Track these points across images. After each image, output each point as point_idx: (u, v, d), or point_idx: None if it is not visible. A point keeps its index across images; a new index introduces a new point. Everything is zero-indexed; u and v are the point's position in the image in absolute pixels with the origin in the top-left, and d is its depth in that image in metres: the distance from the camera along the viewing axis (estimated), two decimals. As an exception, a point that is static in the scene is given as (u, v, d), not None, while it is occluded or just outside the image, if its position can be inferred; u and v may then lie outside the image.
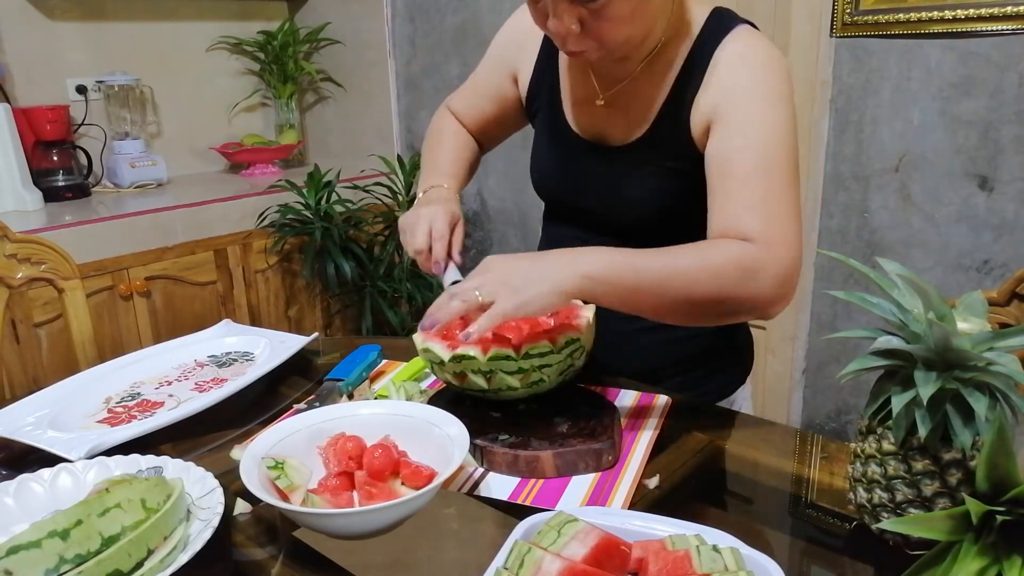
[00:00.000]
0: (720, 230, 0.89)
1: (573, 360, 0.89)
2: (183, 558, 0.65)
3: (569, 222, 1.12)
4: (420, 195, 1.11)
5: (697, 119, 0.94)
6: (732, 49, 0.92)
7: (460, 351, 0.86)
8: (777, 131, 0.89)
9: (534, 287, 0.78)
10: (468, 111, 1.21)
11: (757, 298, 0.85)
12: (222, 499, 0.72)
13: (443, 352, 0.87)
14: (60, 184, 2.33)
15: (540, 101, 1.10)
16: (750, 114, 0.90)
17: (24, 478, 0.78)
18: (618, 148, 1.02)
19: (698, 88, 0.94)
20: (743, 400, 1.18)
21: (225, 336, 1.23)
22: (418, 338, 0.92)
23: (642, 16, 0.88)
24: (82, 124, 2.49)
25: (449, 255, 1.03)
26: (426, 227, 1.02)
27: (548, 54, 1.08)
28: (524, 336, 0.89)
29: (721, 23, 0.95)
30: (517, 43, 1.11)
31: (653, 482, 0.81)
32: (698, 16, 0.96)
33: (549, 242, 1.19)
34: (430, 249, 1.02)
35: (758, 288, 0.84)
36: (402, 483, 0.76)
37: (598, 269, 0.81)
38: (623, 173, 1.02)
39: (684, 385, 1.02)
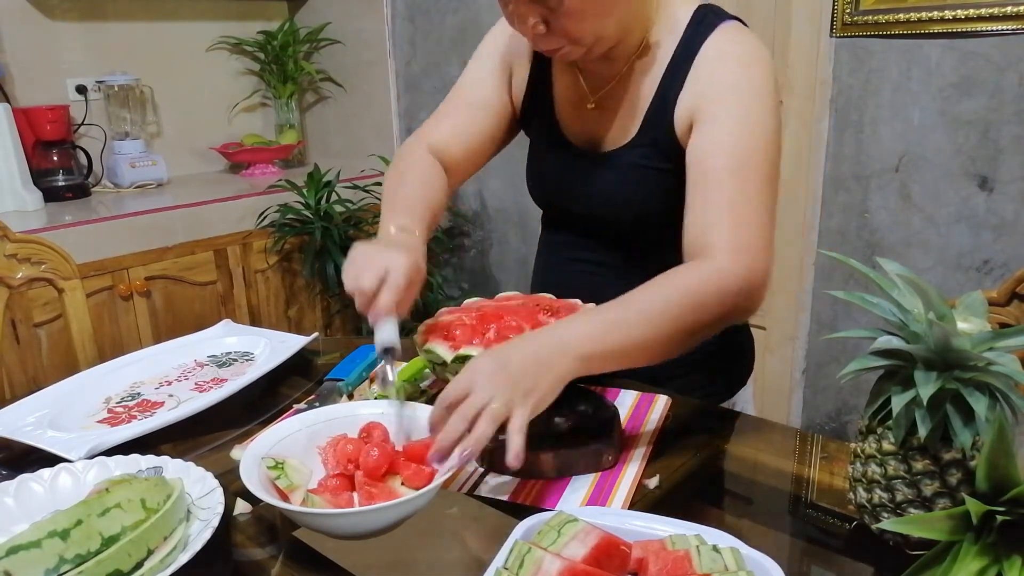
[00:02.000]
0: (693, 234, 0.89)
1: None
2: (183, 558, 0.65)
3: (566, 227, 1.12)
4: (391, 230, 0.94)
5: (680, 117, 0.94)
6: (714, 45, 0.92)
7: (463, 351, 0.86)
8: (754, 130, 0.88)
9: (543, 384, 0.75)
10: (455, 131, 1.09)
11: (729, 316, 0.86)
12: (222, 499, 0.72)
13: (446, 353, 0.87)
14: (60, 184, 2.33)
15: (534, 107, 1.09)
16: (727, 113, 0.89)
17: (24, 478, 0.78)
18: (608, 153, 1.02)
19: (681, 86, 0.94)
20: (745, 402, 1.18)
21: (225, 336, 1.23)
22: (419, 339, 0.92)
23: (606, 10, 0.88)
24: (82, 124, 2.49)
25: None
26: (380, 271, 0.84)
27: (541, 60, 1.07)
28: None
29: (705, 20, 0.95)
30: (509, 48, 1.10)
31: (653, 482, 0.81)
32: (683, 14, 0.96)
33: (548, 247, 1.19)
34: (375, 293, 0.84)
35: (729, 309, 0.85)
36: (402, 483, 0.76)
37: (586, 347, 0.78)
38: (614, 178, 1.01)
39: (685, 387, 1.02)
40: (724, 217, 0.86)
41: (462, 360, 0.86)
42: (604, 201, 1.03)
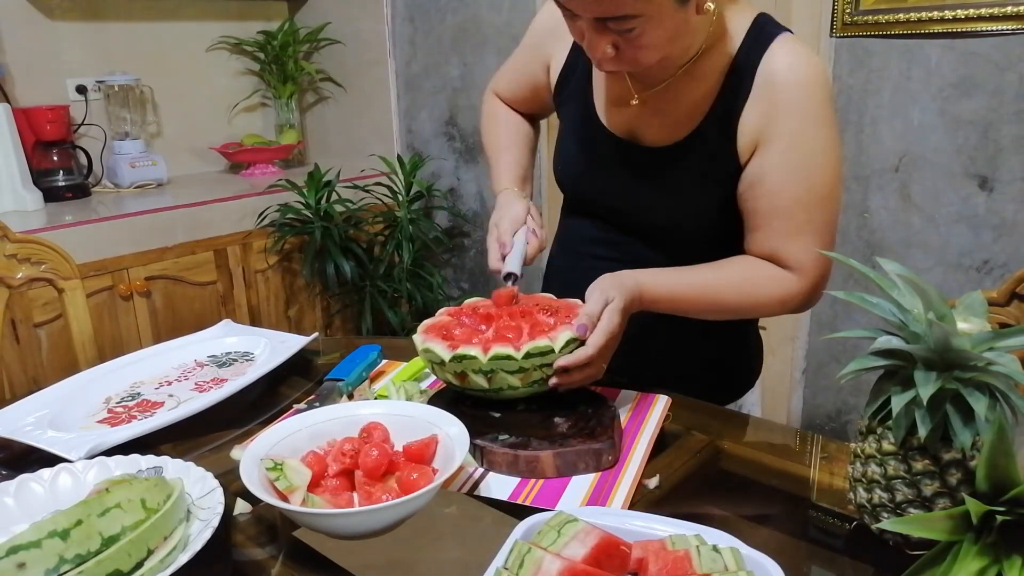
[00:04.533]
0: (761, 252, 0.97)
1: None
2: (183, 558, 0.65)
3: (589, 216, 1.11)
4: (502, 187, 1.16)
5: (745, 134, 0.94)
6: (780, 63, 0.92)
7: (461, 351, 0.86)
8: (823, 155, 0.93)
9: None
10: (508, 92, 1.25)
11: (777, 315, 1.00)
12: (222, 499, 0.72)
13: (444, 352, 0.87)
14: (60, 184, 2.33)
15: (568, 93, 1.10)
16: (798, 139, 0.92)
17: (24, 478, 0.78)
18: (653, 149, 1.01)
19: (745, 100, 0.94)
20: (752, 404, 1.18)
21: (225, 336, 1.23)
22: (418, 338, 0.92)
23: (677, 40, 0.89)
24: (82, 124, 2.48)
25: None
26: (493, 237, 1.07)
27: (581, 47, 1.07)
28: (525, 335, 0.89)
29: (763, 31, 0.95)
30: (552, 32, 1.11)
31: (653, 482, 0.81)
32: (740, 23, 0.95)
33: (566, 235, 1.18)
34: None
35: (791, 310, 0.99)
36: (402, 483, 0.76)
37: (652, 293, 0.95)
38: (656, 174, 1.01)
39: (693, 389, 1.02)
40: (796, 242, 0.94)
41: (461, 359, 0.86)
42: (639, 194, 1.03)
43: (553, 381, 0.89)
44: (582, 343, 0.88)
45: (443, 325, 0.95)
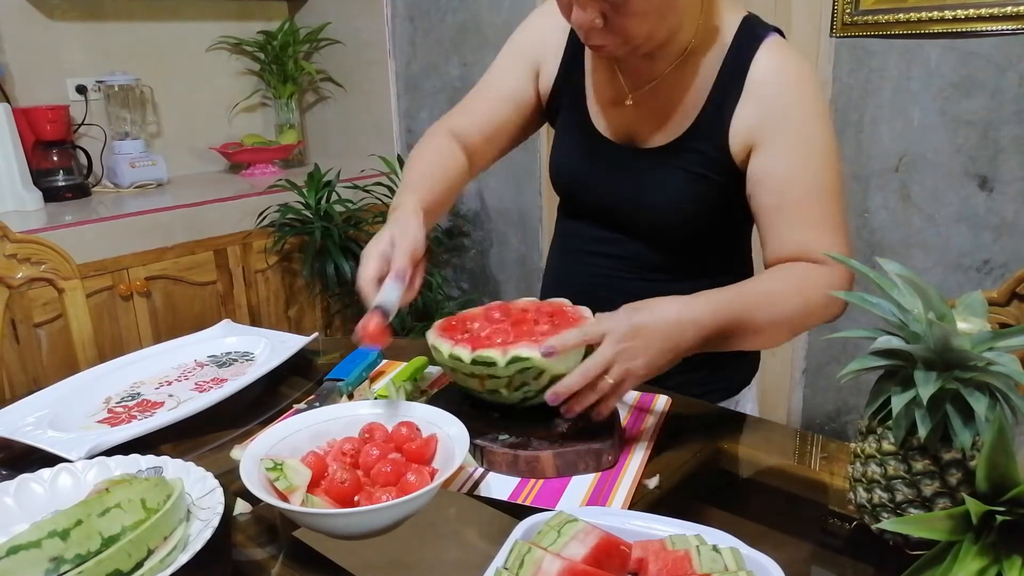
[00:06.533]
0: (780, 253, 0.95)
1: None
2: (183, 558, 0.65)
3: (586, 219, 1.12)
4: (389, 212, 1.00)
5: (737, 135, 0.95)
6: (769, 64, 0.94)
7: (514, 352, 0.81)
8: (822, 149, 0.94)
9: (664, 363, 0.83)
10: (476, 118, 1.13)
11: (827, 320, 0.93)
12: (222, 499, 0.72)
13: (499, 356, 0.81)
14: (60, 184, 2.33)
15: (563, 99, 1.10)
16: (796, 136, 0.93)
17: (24, 478, 0.78)
18: (647, 150, 1.02)
19: (736, 101, 0.95)
20: (748, 401, 1.18)
21: (225, 336, 1.23)
22: (431, 335, 0.90)
23: (666, 12, 0.89)
24: (82, 124, 2.48)
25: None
26: (378, 251, 0.92)
27: (574, 52, 1.07)
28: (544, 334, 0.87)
29: (753, 31, 0.96)
30: (541, 40, 1.11)
31: (653, 482, 0.81)
32: (729, 22, 0.97)
33: (563, 238, 1.18)
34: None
35: (838, 311, 0.92)
36: (401, 483, 0.76)
37: (709, 325, 0.85)
38: (648, 175, 1.02)
39: (689, 384, 1.02)
40: (817, 236, 0.92)
41: (484, 362, 0.82)
42: (633, 195, 1.03)
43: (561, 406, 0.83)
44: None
45: (444, 326, 0.94)
